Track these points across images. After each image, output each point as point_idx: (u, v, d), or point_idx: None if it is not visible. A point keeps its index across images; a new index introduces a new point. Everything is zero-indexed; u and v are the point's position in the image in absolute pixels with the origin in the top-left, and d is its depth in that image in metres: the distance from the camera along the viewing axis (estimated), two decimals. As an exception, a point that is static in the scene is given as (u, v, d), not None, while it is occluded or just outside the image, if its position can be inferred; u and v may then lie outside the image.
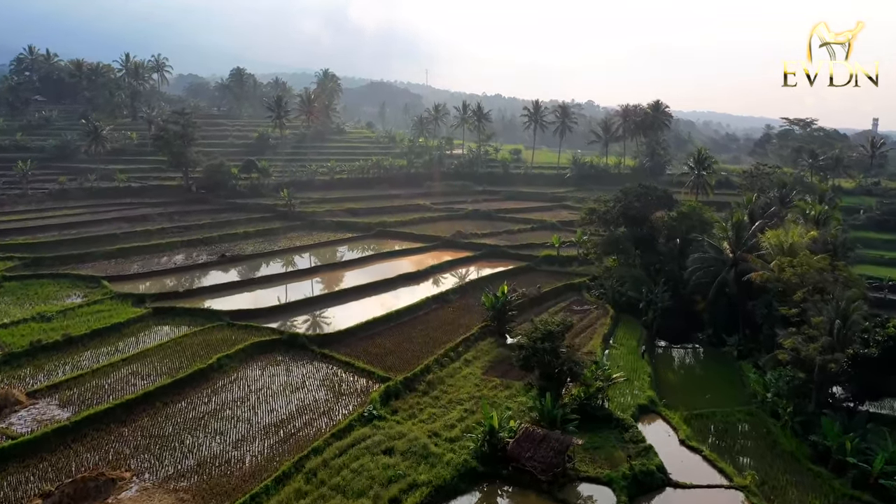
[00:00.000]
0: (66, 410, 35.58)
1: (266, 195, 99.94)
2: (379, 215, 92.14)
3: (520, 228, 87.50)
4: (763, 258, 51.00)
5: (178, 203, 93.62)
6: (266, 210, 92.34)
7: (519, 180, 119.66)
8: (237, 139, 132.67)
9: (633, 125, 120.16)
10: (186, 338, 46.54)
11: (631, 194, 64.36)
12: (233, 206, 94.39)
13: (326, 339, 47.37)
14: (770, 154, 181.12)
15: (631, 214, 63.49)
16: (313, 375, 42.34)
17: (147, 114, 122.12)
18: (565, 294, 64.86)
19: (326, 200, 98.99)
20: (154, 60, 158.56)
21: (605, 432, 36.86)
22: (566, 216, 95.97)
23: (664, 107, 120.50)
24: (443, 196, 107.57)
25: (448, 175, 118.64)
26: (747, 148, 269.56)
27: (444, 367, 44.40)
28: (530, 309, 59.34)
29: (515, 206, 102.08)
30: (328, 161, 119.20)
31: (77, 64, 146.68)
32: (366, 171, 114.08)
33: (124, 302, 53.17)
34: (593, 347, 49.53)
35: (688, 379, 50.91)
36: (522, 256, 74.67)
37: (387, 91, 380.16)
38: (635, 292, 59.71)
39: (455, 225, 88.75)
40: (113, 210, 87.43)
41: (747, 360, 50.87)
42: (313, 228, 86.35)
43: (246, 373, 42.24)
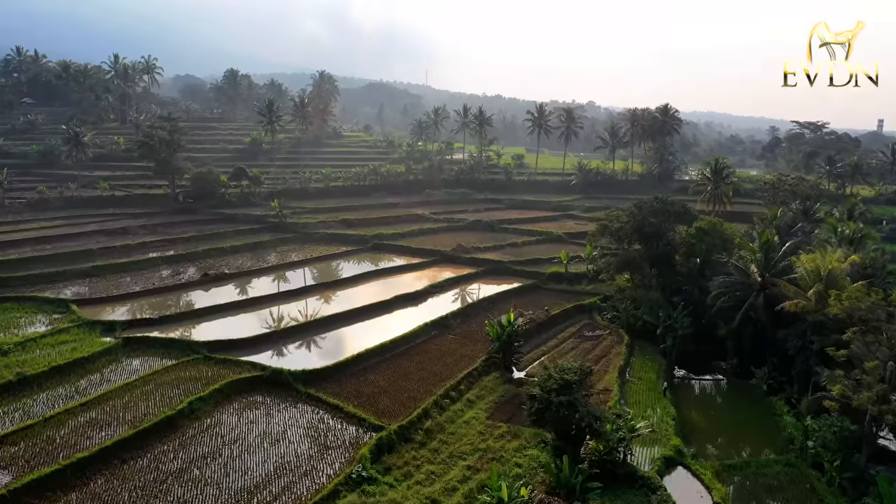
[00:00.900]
0: (6, 474, 30.72)
1: (257, 204, 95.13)
2: (375, 226, 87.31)
3: (524, 241, 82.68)
4: (795, 283, 46.25)
5: (163, 214, 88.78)
6: (256, 221, 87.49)
7: (522, 187, 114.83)
8: (229, 144, 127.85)
9: (640, 130, 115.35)
10: (157, 375, 41.68)
11: (646, 209, 59.55)
12: (221, 216, 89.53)
13: (313, 375, 42.47)
14: (779, 158, 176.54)
15: (646, 231, 58.70)
16: (297, 422, 37.49)
17: (135, 118, 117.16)
18: (575, 317, 60.09)
19: (320, 210, 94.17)
20: (144, 62, 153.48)
21: (628, 495, 32.09)
22: (572, 227, 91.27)
23: (673, 111, 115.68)
24: (443, 205, 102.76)
25: (448, 182, 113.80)
26: (752, 150, 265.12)
27: (443, 411, 39.59)
28: (538, 334, 54.74)
29: (519, 215, 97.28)
30: (323, 167, 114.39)
31: (64, 65, 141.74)
32: (362, 178, 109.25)
33: (92, 331, 48.30)
34: (609, 383, 44.76)
35: (715, 420, 46.11)
36: (528, 273, 69.86)
37: (386, 92, 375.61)
38: (652, 317, 54.98)
39: (456, 237, 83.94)
40: (93, 222, 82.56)
41: (778, 396, 46.23)
42: (306, 241, 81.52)
43: (221, 418, 37.39)
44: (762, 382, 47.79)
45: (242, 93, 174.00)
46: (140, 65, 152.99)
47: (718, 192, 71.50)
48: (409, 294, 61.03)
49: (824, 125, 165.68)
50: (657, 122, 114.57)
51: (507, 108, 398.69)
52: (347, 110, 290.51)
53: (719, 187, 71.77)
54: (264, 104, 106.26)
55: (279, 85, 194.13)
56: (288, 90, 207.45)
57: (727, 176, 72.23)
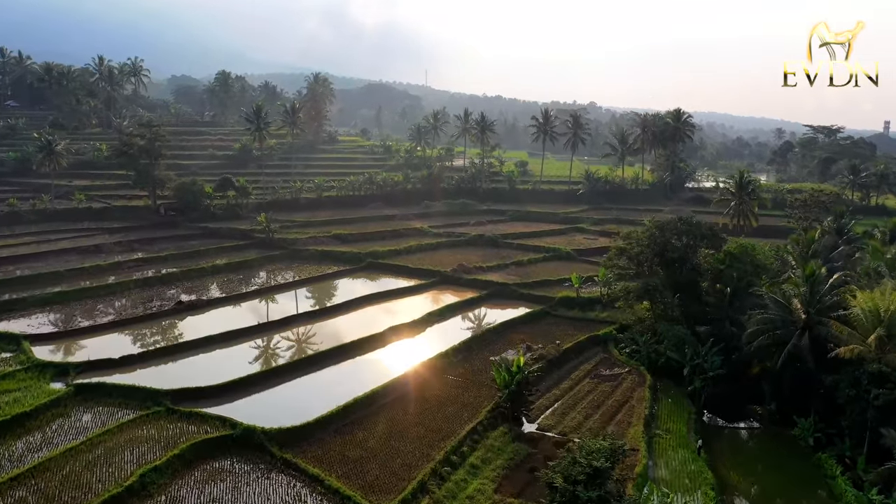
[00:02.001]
0: None
1: (244, 217, 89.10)
2: (370, 242, 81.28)
3: (530, 259, 76.56)
4: (848, 322, 40.25)
5: (143, 228, 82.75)
6: (242, 237, 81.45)
7: (526, 197, 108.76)
8: (218, 150, 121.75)
9: (651, 136, 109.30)
10: (108, 435, 35.59)
11: (668, 230, 53.50)
12: (205, 231, 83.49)
13: (292, 434, 36.41)
14: (791, 164, 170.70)
15: (670, 256, 52.64)
16: (268, 500, 31.45)
17: (118, 123, 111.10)
18: (590, 350, 54.02)
19: (312, 224, 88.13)
20: (131, 64, 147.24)
21: None
22: (582, 242, 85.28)
23: (686, 116, 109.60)
24: (442, 217, 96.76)
25: (448, 192, 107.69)
26: (759, 154, 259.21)
27: (444, 481, 33.51)
28: (549, 373, 48.68)
29: (524, 229, 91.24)
30: (316, 176, 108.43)
31: (46, 67, 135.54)
32: (357, 187, 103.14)
33: (42, 376, 42.27)
34: (634, 440, 38.67)
35: (758, 481, 39.93)
36: (536, 298, 63.78)
37: (385, 93, 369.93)
38: (677, 353, 48.88)
39: (457, 254, 77.97)
40: (66, 238, 76.65)
41: (827, 452, 40.18)
42: (294, 259, 75.50)
43: (178, 495, 31.35)
44: (807, 435, 41.74)
45: (235, 95, 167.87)
46: (127, 67, 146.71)
47: (743, 207, 65.53)
48: (406, 324, 54.98)
49: (839, 129, 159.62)
50: (669, 128, 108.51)
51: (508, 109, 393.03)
52: (345, 112, 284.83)
53: (744, 202, 65.74)
54: (252, 110, 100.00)
55: (273, 87, 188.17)
56: (283, 92, 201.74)
57: (753, 190, 66.16)
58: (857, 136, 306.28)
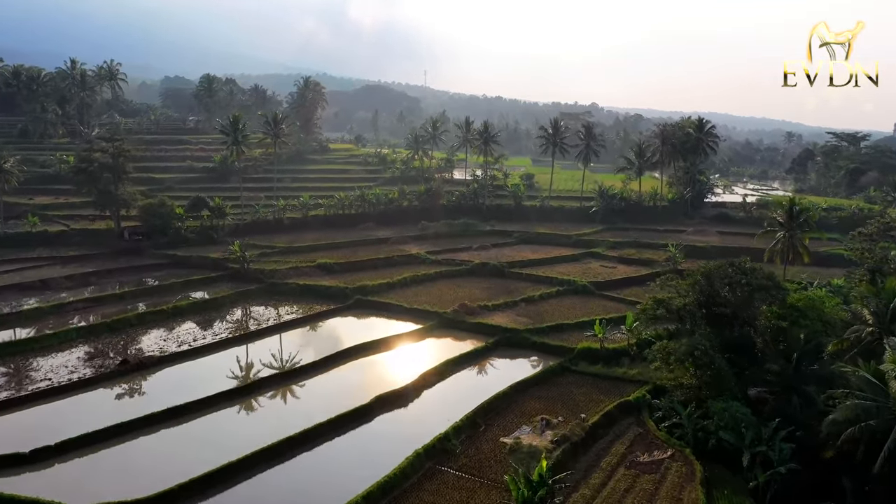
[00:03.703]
0: None
1: (219, 242, 79.57)
2: (359, 273, 71.66)
3: (542, 294, 66.79)
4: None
5: (101, 257, 73.14)
6: (214, 267, 71.81)
7: (534, 215, 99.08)
8: (198, 161, 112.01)
9: (670, 148, 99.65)
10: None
11: (716, 278, 43.95)
12: (172, 260, 73.87)
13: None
14: (811, 173, 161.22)
15: (718, 312, 43.09)
16: None
17: (85, 133, 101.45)
18: (620, 422, 44.34)
19: (294, 250, 78.45)
20: (106, 67, 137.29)
21: None
22: (599, 271, 75.67)
23: (709, 126, 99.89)
24: (441, 240, 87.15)
25: (448, 209, 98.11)
26: (771, 159, 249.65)
27: None
28: (574, 459, 39.17)
29: (533, 254, 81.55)
30: (302, 192, 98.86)
31: (15, 71, 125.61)
32: (347, 205, 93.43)
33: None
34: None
35: None
36: (552, 349, 54.12)
37: (383, 94, 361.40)
38: (733, 435, 39.32)
39: (457, 287, 68.46)
40: (10, 270, 67.00)
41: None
42: (272, 295, 65.87)
43: None
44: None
45: (222, 100, 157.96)
46: (104, 70, 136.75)
47: (794, 241, 55.84)
48: (397, 392, 45.30)
49: (864, 136, 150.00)
50: (691, 140, 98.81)
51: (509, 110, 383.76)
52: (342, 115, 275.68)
53: (795, 235, 56.14)
54: (228, 121, 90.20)
55: (263, 91, 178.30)
56: (276, 95, 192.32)
57: (805, 220, 56.59)
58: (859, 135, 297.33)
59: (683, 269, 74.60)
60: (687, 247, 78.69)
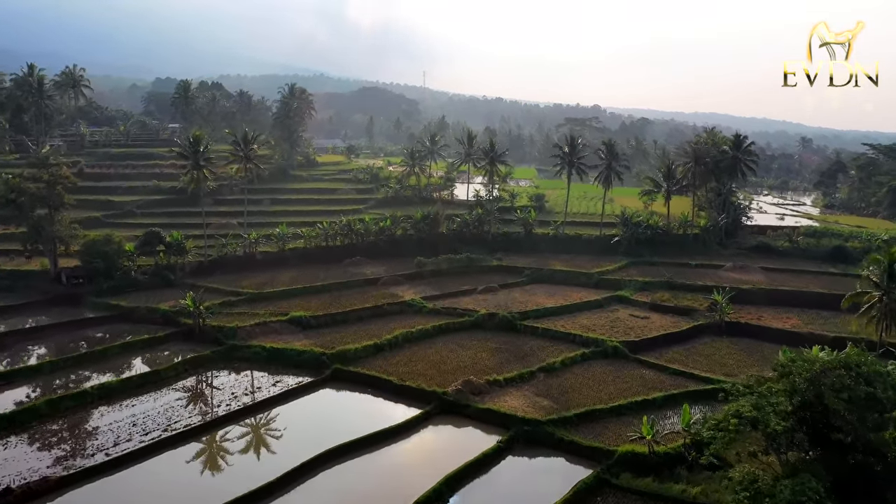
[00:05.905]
0: None
1: (177, 284, 67.20)
2: (341, 329, 59.10)
3: (564, 360, 53.82)
4: None
5: (28, 308, 60.59)
6: (164, 323, 59.02)
7: (547, 246, 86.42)
8: (166, 180, 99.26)
9: (703, 168, 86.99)
10: None
11: (826, 386, 31.23)
12: (115, 313, 61.08)
13: None
14: (842, 186, 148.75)
15: (830, 436, 30.47)
16: None
17: (34, 150, 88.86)
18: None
19: (264, 297, 65.74)
20: (69, 73, 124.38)
21: None
22: (629, 322, 63.13)
23: (747, 143, 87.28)
24: (441, 280, 74.52)
25: (448, 238, 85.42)
26: (788, 167, 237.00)
27: None
28: None
29: (549, 299, 68.70)
30: (282, 217, 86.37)
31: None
32: (332, 235, 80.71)
33: None
34: None
35: None
36: (584, 451, 41.39)
37: (380, 96, 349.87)
38: None
39: (460, 350, 55.84)
40: None
41: None
42: (231, 362, 53.16)
43: None
44: None
45: (202, 108, 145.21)
46: (66, 77, 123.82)
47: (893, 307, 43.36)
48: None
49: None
50: (727, 159, 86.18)
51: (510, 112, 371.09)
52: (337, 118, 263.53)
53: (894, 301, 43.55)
54: (187, 143, 77.22)
55: (249, 97, 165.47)
56: (265, 100, 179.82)
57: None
58: (860, 137, 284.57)
59: (731, 319, 62.41)
60: (730, 288, 66.09)
